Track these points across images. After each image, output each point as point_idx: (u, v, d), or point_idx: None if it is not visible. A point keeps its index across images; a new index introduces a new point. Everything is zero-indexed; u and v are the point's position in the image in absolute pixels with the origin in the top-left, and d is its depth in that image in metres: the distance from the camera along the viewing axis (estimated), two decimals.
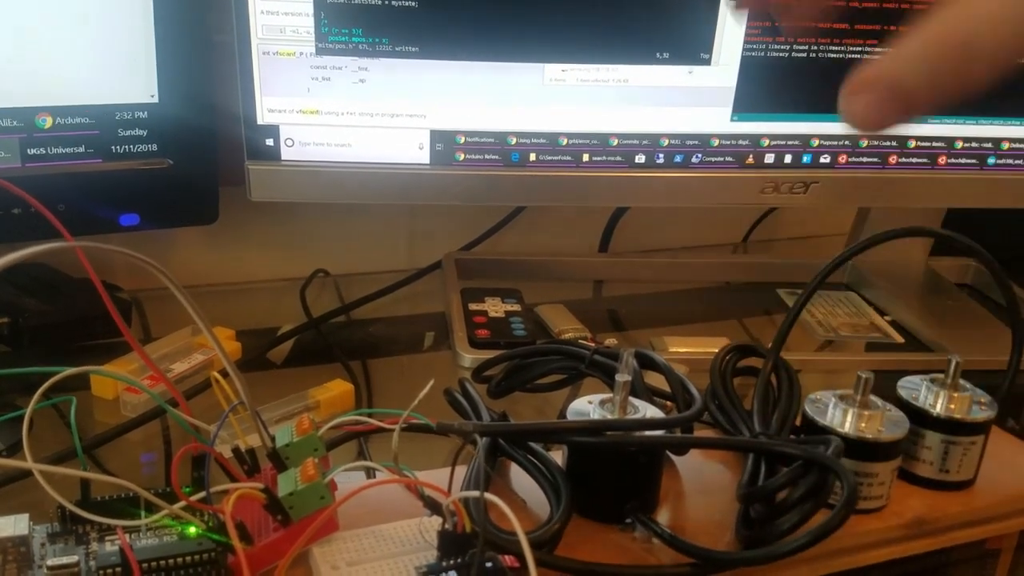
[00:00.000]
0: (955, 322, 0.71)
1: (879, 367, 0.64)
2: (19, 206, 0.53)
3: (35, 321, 0.56)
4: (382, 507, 0.37)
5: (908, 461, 0.43)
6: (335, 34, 0.57)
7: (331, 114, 0.59)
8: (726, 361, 0.49)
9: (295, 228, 0.77)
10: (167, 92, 0.57)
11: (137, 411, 0.50)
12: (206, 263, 0.74)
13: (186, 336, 0.58)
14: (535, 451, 0.40)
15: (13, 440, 0.47)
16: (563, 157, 0.63)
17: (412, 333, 0.68)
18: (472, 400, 0.46)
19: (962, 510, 0.43)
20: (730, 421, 0.45)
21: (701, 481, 0.43)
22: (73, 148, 0.55)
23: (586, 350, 0.50)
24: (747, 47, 0.61)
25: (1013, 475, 0.45)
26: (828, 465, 0.36)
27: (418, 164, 0.62)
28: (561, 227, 0.84)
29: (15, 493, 0.43)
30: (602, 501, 0.39)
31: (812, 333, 0.69)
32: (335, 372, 0.59)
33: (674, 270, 0.80)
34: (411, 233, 0.81)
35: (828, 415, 0.41)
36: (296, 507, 0.35)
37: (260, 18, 0.56)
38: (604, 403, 0.40)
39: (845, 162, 0.66)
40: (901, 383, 0.45)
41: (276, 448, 0.37)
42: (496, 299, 0.69)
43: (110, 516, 0.35)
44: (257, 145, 0.59)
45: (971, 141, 0.67)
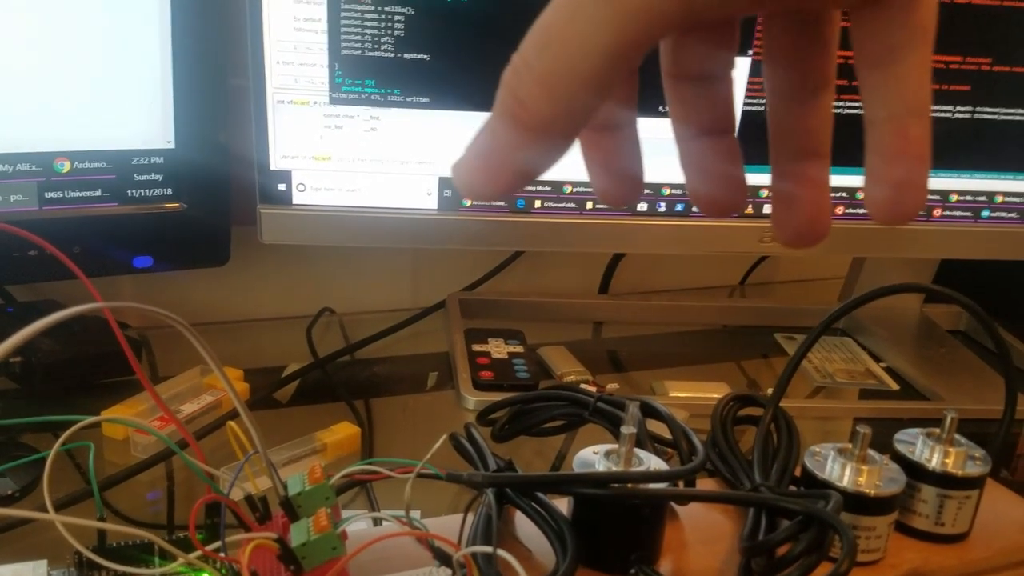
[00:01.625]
0: (949, 370, 0.73)
1: (875, 415, 0.65)
2: (36, 248, 0.54)
3: (47, 360, 0.57)
4: (392, 557, 0.38)
5: (904, 514, 0.44)
6: (348, 85, 0.58)
7: (342, 160, 0.61)
8: (727, 410, 0.50)
9: (302, 267, 0.78)
10: (183, 138, 0.58)
11: (147, 452, 0.51)
12: (214, 300, 0.75)
13: (195, 376, 0.59)
14: (541, 500, 0.41)
15: (27, 480, 0.48)
16: (567, 204, 0.65)
17: (416, 373, 0.69)
18: (478, 446, 0.47)
19: (957, 563, 0.44)
20: (731, 470, 0.46)
21: (703, 531, 0.44)
22: (90, 192, 0.56)
23: (590, 396, 0.51)
24: (747, 101, 0.63)
25: (1007, 528, 0.46)
26: (828, 521, 0.37)
27: (426, 209, 0.63)
28: (562, 269, 0.86)
29: (29, 533, 0.44)
30: (607, 552, 0.40)
31: (809, 379, 0.71)
32: (340, 411, 0.60)
33: (673, 313, 0.81)
34: (415, 273, 0.82)
35: (827, 469, 0.42)
36: (308, 557, 0.35)
37: (276, 68, 0.57)
38: (609, 454, 0.41)
39: (842, 213, 0.68)
40: (898, 436, 0.46)
41: (288, 497, 0.38)
42: (499, 340, 0.70)
43: (125, 563, 0.36)
44: (269, 190, 0.61)
45: (966, 194, 0.68)
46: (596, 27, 0.19)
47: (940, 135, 0.74)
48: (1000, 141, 0.66)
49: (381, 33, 0.57)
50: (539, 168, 0.21)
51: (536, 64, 0.20)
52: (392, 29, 0.57)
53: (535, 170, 0.21)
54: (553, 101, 0.20)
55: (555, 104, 0.20)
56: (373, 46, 0.58)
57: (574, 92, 0.20)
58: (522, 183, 0.22)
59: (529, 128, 0.20)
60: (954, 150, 0.67)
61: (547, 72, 0.20)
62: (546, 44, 0.20)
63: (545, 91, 0.20)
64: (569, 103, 0.20)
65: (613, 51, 0.19)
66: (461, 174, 0.22)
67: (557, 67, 0.19)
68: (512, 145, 0.21)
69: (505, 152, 0.21)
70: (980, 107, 0.65)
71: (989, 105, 0.65)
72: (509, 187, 0.22)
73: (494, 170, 0.21)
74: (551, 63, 0.20)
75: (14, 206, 0.54)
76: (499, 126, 0.21)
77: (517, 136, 0.20)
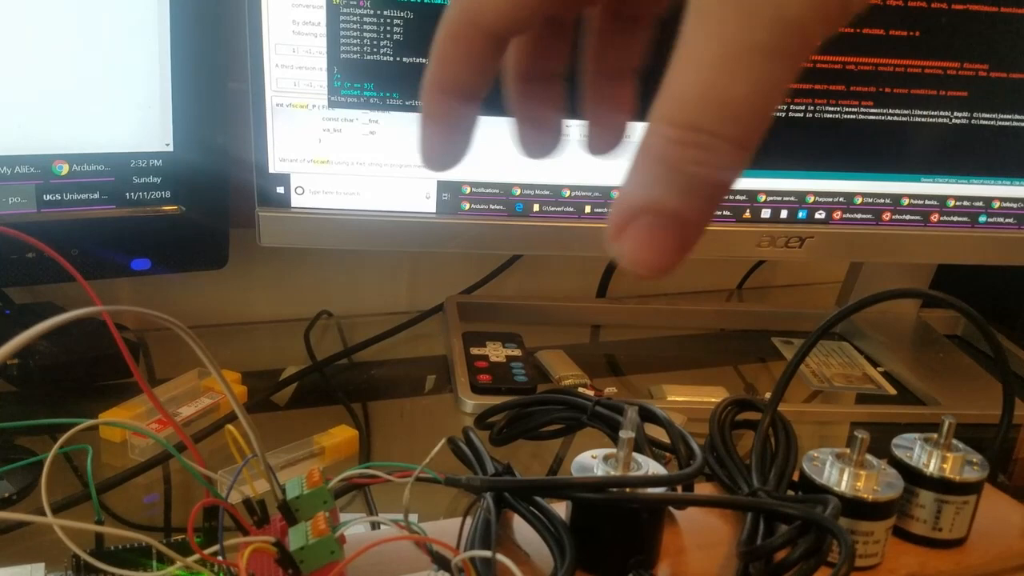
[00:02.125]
0: (946, 374, 0.73)
1: (872, 419, 0.65)
2: (34, 251, 0.54)
3: (45, 362, 0.57)
4: (389, 560, 0.38)
5: (902, 519, 0.44)
6: (347, 88, 0.58)
7: (341, 164, 0.61)
8: (725, 414, 0.50)
9: (300, 270, 0.78)
10: (181, 141, 0.58)
11: (145, 455, 0.51)
12: (212, 303, 0.75)
13: (193, 379, 0.59)
14: (539, 505, 0.41)
15: (25, 483, 0.48)
16: (565, 208, 0.65)
17: (414, 376, 0.69)
18: (476, 450, 0.47)
19: (955, 568, 0.44)
20: (728, 475, 0.46)
21: (701, 535, 0.44)
22: (88, 195, 0.56)
23: (588, 400, 0.51)
24: None
25: (1005, 533, 0.46)
26: (827, 526, 0.37)
27: (424, 213, 0.63)
28: (560, 272, 0.86)
29: (27, 536, 0.44)
30: (605, 556, 0.40)
31: (806, 383, 0.71)
32: (338, 414, 0.60)
33: (670, 316, 0.81)
34: (413, 276, 0.82)
35: (825, 474, 0.42)
36: (307, 561, 0.35)
37: (275, 72, 0.57)
38: (608, 459, 0.41)
39: (840, 218, 0.68)
40: (895, 441, 0.46)
41: (287, 500, 0.38)
42: (497, 343, 0.70)
43: (123, 567, 0.36)
44: (268, 193, 0.61)
45: (963, 200, 0.69)
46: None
47: (938, 141, 0.75)
48: (997, 147, 0.67)
49: (380, 37, 0.57)
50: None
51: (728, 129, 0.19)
52: (391, 33, 0.57)
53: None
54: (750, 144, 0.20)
55: (751, 143, 0.20)
56: (372, 50, 0.58)
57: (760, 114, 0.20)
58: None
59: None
60: (951, 155, 0.67)
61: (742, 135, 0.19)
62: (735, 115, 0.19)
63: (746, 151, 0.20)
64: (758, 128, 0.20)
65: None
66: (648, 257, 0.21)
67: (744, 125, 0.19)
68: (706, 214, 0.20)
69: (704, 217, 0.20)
70: (977, 113, 0.65)
71: (986, 111, 0.65)
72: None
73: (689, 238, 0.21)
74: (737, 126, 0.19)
75: (12, 208, 0.54)
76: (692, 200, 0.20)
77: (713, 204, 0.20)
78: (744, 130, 0.19)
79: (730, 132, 0.19)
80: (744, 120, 0.19)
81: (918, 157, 0.67)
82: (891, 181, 0.68)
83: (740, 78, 0.19)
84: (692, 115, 0.19)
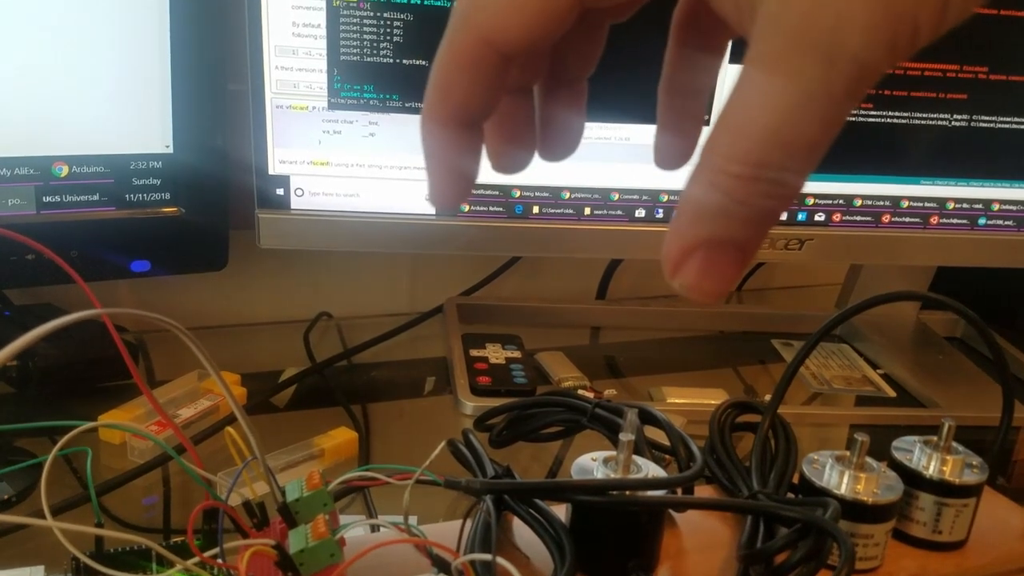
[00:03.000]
0: (946, 377, 0.73)
1: (872, 422, 0.65)
2: (33, 252, 0.54)
3: (44, 364, 0.57)
4: (389, 563, 0.38)
5: (902, 522, 0.44)
6: (347, 90, 0.58)
7: (341, 166, 0.61)
8: (724, 417, 0.50)
9: (299, 271, 0.78)
10: (181, 142, 0.58)
11: (144, 457, 0.51)
12: (211, 305, 0.75)
13: (192, 381, 0.59)
14: (539, 507, 0.41)
15: (24, 485, 0.48)
16: (565, 210, 0.65)
17: (413, 378, 0.69)
18: (476, 452, 0.47)
19: (955, 571, 0.44)
20: (728, 477, 0.46)
21: (701, 538, 0.44)
22: (88, 196, 0.56)
23: (588, 403, 0.51)
24: None
25: (1004, 536, 0.46)
26: (827, 529, 0.37)
27: (424, 215, 0.63)
28: (560, 274, 0.86)
29: (26, 539, 0.44)
30: (605, 559, 0.40)
31: (806, 385, 0.71)
32: (337, 416, 0.60)
33: (670, 318, 0.81)
34: (413, 277, 0.82)
35: (825, 477, 0.42)
36: (307, 564, 0.35)
37: (275, 73, 0.57)
38: (608, 461, 0.41)
39: (839, 220, 0.68)
40: (895, 444, 0.46)
41: (287, 503, 0.38)
42: (497, 345, 0.70)
43: (123, 569, 0.36)
44: (268, 194, 0.61)
45: (962, 202, 0.69)
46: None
47: (937, 143, 0.75)
48: (997, 149, 0.67)
49: (380, 39, 0.57)
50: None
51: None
52: (391, 35, 0.57)
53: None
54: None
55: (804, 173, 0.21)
56: (372, 52, 0.58)
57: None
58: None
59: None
60: (951, 158, 0.67)
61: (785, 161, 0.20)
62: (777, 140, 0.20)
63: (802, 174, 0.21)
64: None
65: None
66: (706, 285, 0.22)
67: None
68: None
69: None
70: (977, 115, 0.65)
71: (986, 113, 0.65)
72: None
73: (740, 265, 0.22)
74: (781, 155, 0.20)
75: (12, 210, 0.54)
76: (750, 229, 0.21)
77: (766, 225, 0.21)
78: (810, 164, 0.20)
79: (798, 167, 0.20)
80: (813, 156, 0.20)
81: (918, 159, 0.67)
82: (891, 183, 0.68)
83: (814, 121, 0.20)
84: (763, 155, 0.20)
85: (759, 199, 0.20)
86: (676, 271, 0.22)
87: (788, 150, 0.20)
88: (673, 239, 0.22)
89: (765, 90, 0.20)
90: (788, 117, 0.20)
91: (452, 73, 0.24)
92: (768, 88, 0.20)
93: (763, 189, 0.20)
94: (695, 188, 0.21)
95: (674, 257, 0.22)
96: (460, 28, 0.23)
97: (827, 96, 0.19)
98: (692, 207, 0.21)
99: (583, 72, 0.28)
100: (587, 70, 0.28)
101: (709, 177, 0.21)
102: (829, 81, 0.19)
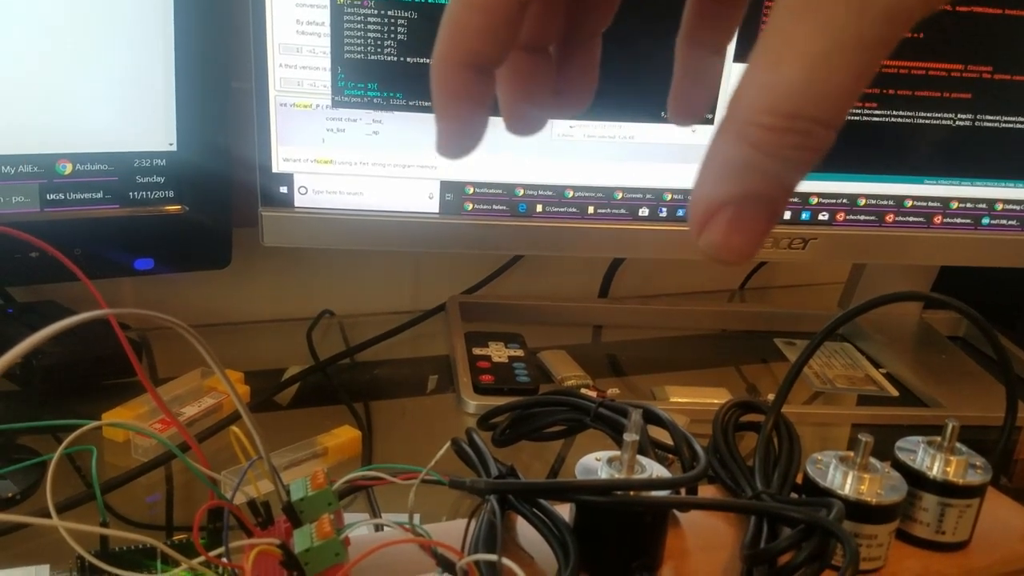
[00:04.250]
0: (948, 377, 0.73)
1: (874, 421, 0.65)
2: (37, 250, 0.54)
3: (48, 362, 0.57)
4: (394, 563, 0.38)
5: (905, 522, 0.44)
6: (351, 88, 0.58)
7: (344, 164, 0.61)
8: (728, 417, 0.50)
9: (303, 270, 0.78)
10: (185, 140, 0.58)
11: (148, 455, 0.51)
12: (214, 303, 0.75)
13: (196, 379, 0.59)
14: (543, 507, 0.41)
15: (28, 483, 0.48)
16: (569, 209, 0.65)
17: (416, 376, 0.69)
18: (479, 451, 0.47)
19: (958, 571, 0.44)
20: (732, 477, 0.46)
21: (704, 538, 0.44)
22: (91, 194, 0.56)
23: (591, 402, 0.51)
24: None
25: (1008, 536, 0.46)
26: (831, 529, 0.37)
27: (428, 213, 0.63)
28: (562, 272, 0.86)
29: (31, 537, 0.44)
30: (609, 559, 0.40)
31: (809, 384, 0.71)
32: (340, 414, 0.60)
33: (672, 317, 0.81)
34: (416, 276, 0.82)
35: (829, 477, 0.42)
36: (312, 563, 0.35)
37: (279, 71, 0.57)
38: (612, 461, 0.41)
39: (843, 219, 0.68)
40: (899, 444, 0.46)
41: (292, 502, 0.38)
42: (499, 344, 0.70)
43: (128, 568, 0.36)
44: (271, 192, 0.60)
45: (966, 202, 0.69)
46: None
47: (941, 143, 0.75)
48: (1001, 149, 0.67)
49: (384, 37, 0.57)
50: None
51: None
52: (395, 33, 0.57)
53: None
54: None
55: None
56: (376, 50, 0.58)
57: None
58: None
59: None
60: (955, 157, 0.67)
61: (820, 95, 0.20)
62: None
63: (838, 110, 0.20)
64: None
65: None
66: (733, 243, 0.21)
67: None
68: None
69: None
70: (981, 115, 0.65)
71: (990, 113, 0.65)
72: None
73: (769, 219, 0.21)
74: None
75: (16, 208, 0.54)
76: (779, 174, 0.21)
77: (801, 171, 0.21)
78: (841, 113, 0.20)
79: (828, 117, 0.20)
80: (843, 105, 0.20)
81: (921, 159, 0.67)
82: (894, 183, 0.67)
83: (845, 69, 0.19)
84: (794, 105, 0.20)
85: (790, 151, 0.20)
86: (703, 229, 0.21)
87: (819, 100, 0.19)
88: (699, 197, 0.21)
89: (794, 39, 0.19)
90: (819, 66, 0.19)
91: (466, 14, 0.24)
92: (798, 37, 0.19)
93: (794, 140, 0.20)
94: (721, 142, 0.20)
95: (700, 215, 0.21)
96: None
97: (859, 43, 0.19)
98: (719, 162, 0.21)
99: (599, 26, 0.28)
100: (603, 24, 0.28)
101: (737, 129, 0.20)
102: (861, 28, 0.19)
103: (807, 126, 0.20)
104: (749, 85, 0.20)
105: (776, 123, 0.20)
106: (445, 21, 0.24)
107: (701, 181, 0.21)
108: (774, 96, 0.20)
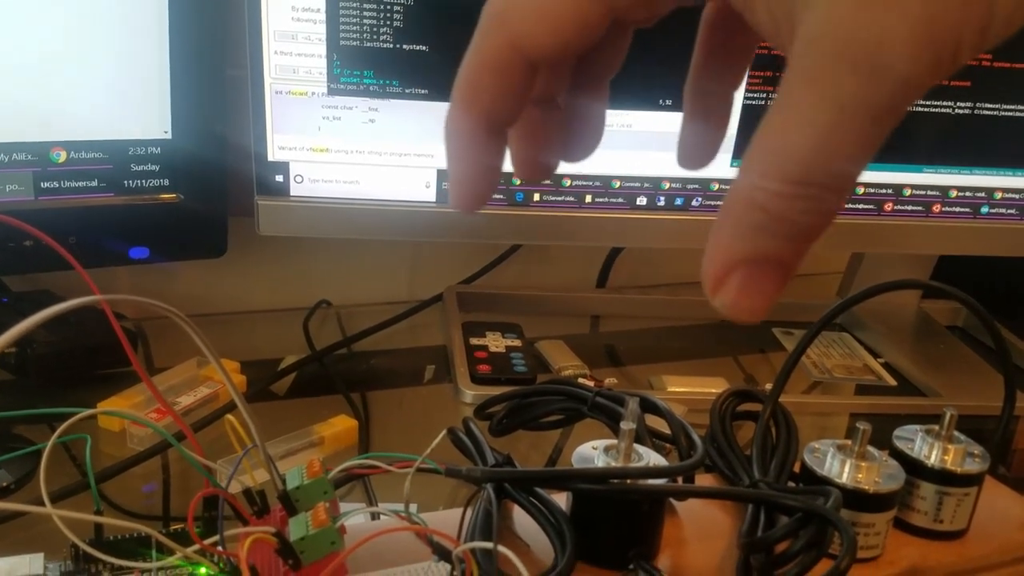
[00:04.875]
0: (947, 366, 0.73)
1: (872, 411, 0.65)
2: (31, 239, 0.54)
3: (43, 351, 0.56)
4: (390, 551, 0.38)
5: (903, 511, 0.44)
6: (347, 75, 0.58)
7: (340, 152, 0.60)
8: (725, 406, 0.50)
9: (299, 259, 0.77)
10: (180, 128, 0.58)
11: (144, 444, 0.51)
12: (210, 292, 0.74)
13: (192, 368, 0.58)
14: (540, 496, 0.41)
15: (23, 472, 0.48)
16: (566, 198, 0.64)
17: (413, 366, 0.69)
18: (476, 440, 0.47)
19: (956, 559, 0.44)
20: (729, 466, 0.46)
21: (702, 526, 0.44)
22: (86, 182, 0.56)
23: (588, 392, 0.51)
24: (747, 96, 0.63)
25: (1005, 525, 0.46)
26: (828, 518, 0.37)
27: (424, 202, 0.63)
28: (560, 262, 0.86)
29: (26, 526, 0.44)
30: (605, 547, 0.40)
31: (807, 374, 0.71)
32: (337, 404, 0.60)
33: (670, 307, 0.81)
34: (413, 265, 0.82)
35: (826, 465, 0.42)
36: (307, 552, 0.35)
37: (274, 59, 0.57)
38: (609, 450, 0.41)
39: (841, 208, 0.68)
40: (897, 433, 0.46)
41: (287, 491, 0.38)
42: (497, 334, 0.70)
43: (123, 556, 0.36)
44: (267, 181, 0.60)
45: (965, 190, 0.68)
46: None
47: (940, 131, 0.74)
48: (1000, 137, 0.66)
49: (380, 24, 0.57)
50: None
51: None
52: (391, 20, 0.57)
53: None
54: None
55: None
56: (372, 37, 0.57)
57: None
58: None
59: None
60: (954, 146, 0.67)
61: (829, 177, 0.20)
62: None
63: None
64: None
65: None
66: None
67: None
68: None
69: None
70: (980, 103, 0.65)
71: (989, 101, 0.65)
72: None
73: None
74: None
75: (10, 196, 0.54)
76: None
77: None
78: (850, 180, 0.20)
79: (838, 184, 0.20)
80: (852, 172, 0.20)
81: (920, 147, 0.67)
82: (893, 171, 0.67)
83: (855, 138, 0.19)
84: (804, 172, 0.20)
85: (799, 216, 0.20)
86: (717, 289, 0.22)
87: (828, 167, 0.20)
88: (713, 256, 0.22)
89: (804, 106, 0.19)
90: (828, 134, 0.19)
91: (480, 77, 0.24)
92: (808, 104, 0.19)
93: (803, 206, 0.20)
94: (734, 204, 0.21)
95: (714, 275, 0.22)
96: (491, 32, 0.23)
97: (867, 113, 0.19)
98: (732, 223, 0.21)
99: (606, 75, 0.28)
100: (610, 73, 0.28)
101: (748, 192, 0.20)
102: (870, 97, 0.19)
103: (816, 192, 0.20)
104: (760, 149, 0.20)
105: (785, 189, 0.20)
106: (459, 82, 0.24)
107: (715, 239, 0.21)
108: (783, 162, 0.20)
